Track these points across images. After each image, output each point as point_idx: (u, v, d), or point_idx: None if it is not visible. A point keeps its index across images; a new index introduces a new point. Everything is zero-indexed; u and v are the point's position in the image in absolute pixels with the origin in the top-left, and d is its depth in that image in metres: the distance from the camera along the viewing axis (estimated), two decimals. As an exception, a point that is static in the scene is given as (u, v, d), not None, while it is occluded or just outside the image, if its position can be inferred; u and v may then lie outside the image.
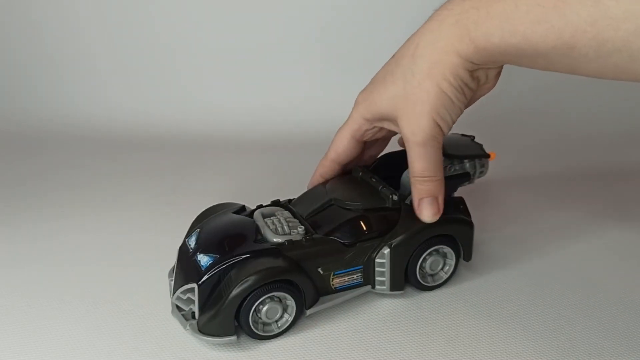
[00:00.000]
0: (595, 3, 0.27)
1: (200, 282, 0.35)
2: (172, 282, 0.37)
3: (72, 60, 0.77)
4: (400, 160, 0.40)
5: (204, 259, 0.36)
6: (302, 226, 0.38)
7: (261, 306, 0.35)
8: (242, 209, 0.41)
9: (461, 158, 0.41)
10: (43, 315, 0.39)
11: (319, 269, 0.37)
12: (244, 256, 0.35)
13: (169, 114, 0.75)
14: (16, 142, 0.72)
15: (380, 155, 0.45)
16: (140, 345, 0.36)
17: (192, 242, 0.38)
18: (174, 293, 0.36)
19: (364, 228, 0.38)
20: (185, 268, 0.37)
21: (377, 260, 0.38)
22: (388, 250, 0.38)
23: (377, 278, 0.39)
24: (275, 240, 0.37)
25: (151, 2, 0.74)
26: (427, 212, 0.37)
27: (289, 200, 0.42)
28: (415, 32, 0.35)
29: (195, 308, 0.35)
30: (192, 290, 0.35)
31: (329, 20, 0.71)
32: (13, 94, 0.79)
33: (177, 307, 0.37)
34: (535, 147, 0.66)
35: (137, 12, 0.75)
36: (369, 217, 0.38)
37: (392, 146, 0.44)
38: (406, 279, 0.40)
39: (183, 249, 0.38)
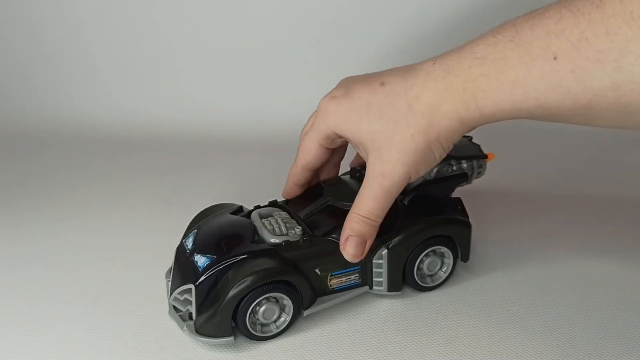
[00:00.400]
0: (617, 69, 0.25)
1: (197, 283, 0.35)
2: (170, 283, 0.38)
3: (72, 60, 0.77)
4: None
5: (201, 260, 0.36)
6: (299, 227, 0.38)
7: (258, 307, 0.35)
8: (239, 209, 0.41)
9: (459, 158, 0.41)
10: (43, 315, 0.39)
11: (317, 270, 0.37)
12: (241, 257, 0.35)
13: (169, 114, 0.75)
14: (16, 142, 0.73)
15: None
16: (140, 345, 0.36)
17: (189, 243, 0.38)
18: (171, 294, 0.37)
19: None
20: (182, 269, 0.37)
21: (374, 261, 0.38)
22: (386, 251, 0.38)
23: (375, 279, 0.39)
24: (272, 241, 0.37)
25: (151, 2, 0.74)
26: (352, 252, 0.35)
27: (286, 201, 0.42)
28: (412, 75, 0.33)
29: (193, 309, 0.35)
30: (189, 291, 0.35)
31: (328, 20, 0.71)
32: (13, 94, 0.79)
33: (175, 307, 0.37)
34: (534, 147, 0.65)
35: (137, 12, 0.74)
36: None
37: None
38: (404, 279, 0.40)
39: (180, 249, 0.38)
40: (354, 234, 0.35)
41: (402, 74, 0.34)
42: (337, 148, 0.40)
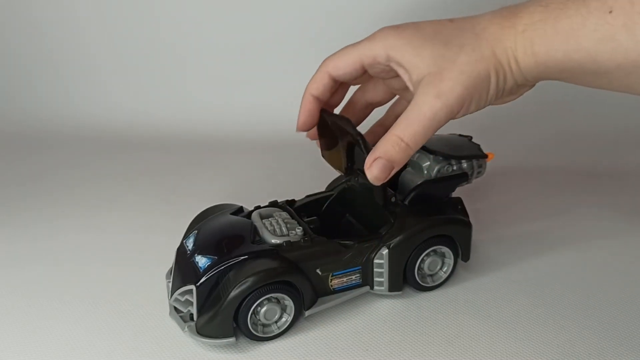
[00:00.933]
0: None
1: (198, 284, 0.35)
2: (170, 284, 0.38)
3: (72, 60, 0.77)
4: None
5: (202, 261, 0.36)
6: (300, 227, 0.38)
7: (260, 308, 0.35)
8: (239, 210, 0.41)
9: (459, 158, 0.41)
10: (43, 315, 0.39)
11: (318, 270, 0.37)
12: (242, 258, 0.35)
13: (169, 114, 0.74)
14: (16, 142, 0.73)
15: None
16: (140, 345, 0.36)
17: (189, 244, 0.38)
18: (171, 295, 0.37)
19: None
20: (183, 269, 0.37)
21: (375, 261, 0.38)
22: (386, 251, 0.38)
23: (376, 279, 0.39)
24: (273, 241, 0.36)
25: (151, 2, 0.74)
26: (377, 173, 0.34)
27: (287, 201, 0.42)
28: (481, 15, 0.34)
29: (194, 310, 0.35)
30: (190, 292, 0.35)
31: (328, 20, 0.71)
32: (13, 94, 0.79)
33: (175, 308, 0.37)
34: (533, 147, 0.66)
35: (137, 12, 0.74)
36: None
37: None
38: (405, 279, 0.40)
39: (181, 250, 0.38)
40: (384, 157, 0.33)
41: (471, 16, 0.35)
42: (356, 106, 0.40)
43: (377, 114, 0.44)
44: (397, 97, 0.42)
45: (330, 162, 0.42)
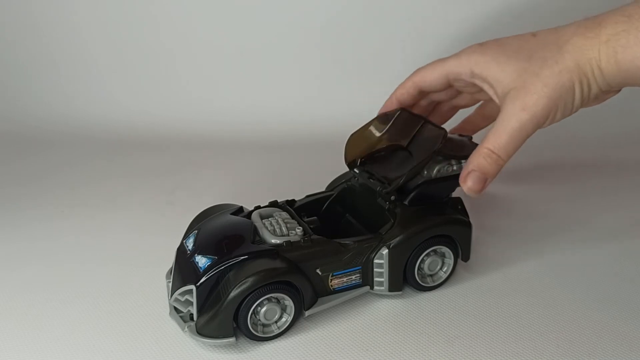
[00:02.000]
0: None
1: (198, 284, 0.35)
2: (170, 284, 0.38)
3: (71, 59, 0.77)
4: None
5: (202, 261, 0.36)
6: (300, 227, 0.38)
7: (260, 308, 0.35)
8: (239, 210, 0.41)
9: (459, 158, 0.41)
10: (43, 315, 0.39)
11: (318, 270, 0.37)
12: (242, 258, 0.35)
13: (169, 114, 0.75)
14: (16, 142, 0.73)
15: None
16: (140, 345, 0.36)
17: (189, 244, 0.38)
18: (172, 295, 0.37)
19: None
20: (183, 269, 0.37)
21: (375, 260, 0.38)
22: (386, 251, 0.38)
23: (376, 279, 0.39)
24: (273, 241, 0.36)
25: (151, 2, 0.74)
26: (471, 185, 0.36)
27: (287, 201, 0.42)
28: (564, 27, 0.35)
29: (194, 310, 0.35)
30: (190, 292, 0.35)
31: (328, 21, 0.71)
32: (13, 94, 0.79)
33: (175, 308, 0.37)
34: (533, 147, 0.65)
35: (137, 12, 0.74)
36: None
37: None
38: (405, 279, 0.40)
39: (181, 250, 0.38)
40: (478, 169, 0.36)
41: (555, 28, 0.36)
42: (443, 108, 0.43)
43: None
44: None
45: (349, 143, 0.42)
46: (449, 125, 0.46)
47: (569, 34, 0.35)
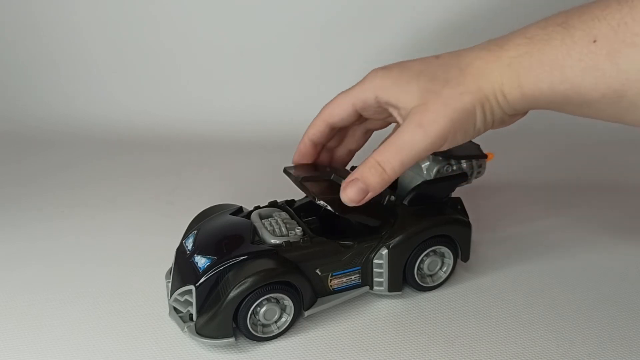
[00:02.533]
0: None
1: (197, 284, 0.35)
2: (170, 284, 0.38)
3: (71, 59, 0.77)
4: None
5: (201, 261, 0.36)
6: (299, 227, 0.38)
7: (259, 308, 0.35)
8: (239, 210, 0.41)
9: (459, 158, 0.41)
10: (43, 315, 0.39)
11: (317, 270, 0.37)
12: (242, 258, 0.35)
13: (169, 114, 0.75)
14: (16, 142, 0.73)
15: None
16: (140, 345, 0.36)
17: (189, 244, 0.38)
18: (171, 295, 0.37)
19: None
20: (182, 270, 0.37)
21: (375, 261, 0.38)
22: (386, 251, 0.38)
23: (375, 279, 0.39)
24: (272, 241, 0.36)
25: (151, 2, 0.74)
26: (351, 195, 0.34)
27: (287, 201, 0.42)
28: (467, 50, 0.34)
29: (193, 310, 0.35)
30: (189, 292, 0.35)
31: (328, 21, 0.71)
32: (13, 94, 0.79)
33: (175, 308, 0.37)
34: (533, 148, 0.66)
35: (137, 12, 0.74)
36: None
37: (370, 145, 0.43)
38: (405, 279, 0.40)
39: (180, 250, 0.38)
40: (361, 179, 0.34)
41: (458, 51, 0.35)
42: (356, 132, 0.40)
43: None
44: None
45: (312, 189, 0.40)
46: (365, 150, 0.42)
47: (472, 56, 0.33)
